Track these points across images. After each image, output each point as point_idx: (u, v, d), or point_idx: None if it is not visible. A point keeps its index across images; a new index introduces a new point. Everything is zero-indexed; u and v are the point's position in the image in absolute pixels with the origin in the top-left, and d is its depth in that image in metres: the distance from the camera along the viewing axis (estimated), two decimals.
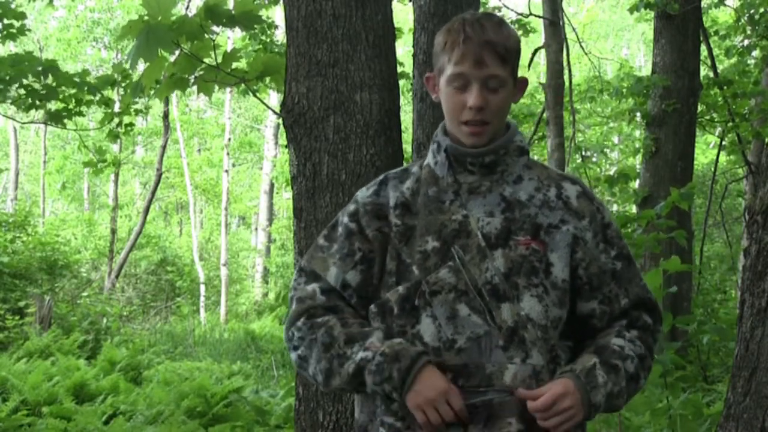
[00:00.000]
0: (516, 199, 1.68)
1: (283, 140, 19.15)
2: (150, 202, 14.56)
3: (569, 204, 1.70)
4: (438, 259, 1.65)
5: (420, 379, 1.57)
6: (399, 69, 4.05)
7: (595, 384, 1.60)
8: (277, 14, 14.83)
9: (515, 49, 1.66)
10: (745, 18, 9.53)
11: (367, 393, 1.67)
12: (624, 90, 9.62)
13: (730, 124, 8.78)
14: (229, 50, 3.69)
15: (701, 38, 8.10)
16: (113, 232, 15.99)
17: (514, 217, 1.66)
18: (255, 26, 3.72)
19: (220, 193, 20.44)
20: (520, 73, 1.73)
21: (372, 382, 1.60)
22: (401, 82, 5.66)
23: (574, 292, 1.69)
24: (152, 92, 4.10)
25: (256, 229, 22.36)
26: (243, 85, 3.70)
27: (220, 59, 3.58)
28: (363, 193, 1.77)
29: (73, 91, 6.58)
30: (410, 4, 4.94)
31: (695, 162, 9.14)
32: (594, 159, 13.16)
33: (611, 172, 12.71)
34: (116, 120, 7.51)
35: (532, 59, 8.20)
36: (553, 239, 1.66)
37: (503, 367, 1.60)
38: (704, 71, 10.14)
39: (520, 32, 9.43)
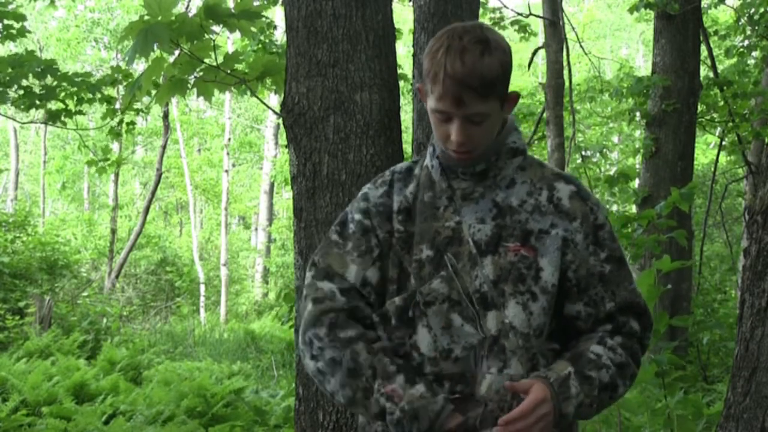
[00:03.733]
0: (508, 204, 1.67)
1: (283, 140, 19.16)
2: (150, 202, 14.56)
3: (560, 206, 1.68)
4: (432, 268, 1.64)
5: None
6: (399, 69, 4.06)
7: (568, 395, 1.58)
8: (277, 14, 14.83)
9: (499, 77, 1.58)
10: (745, 18, 9.53)
11: None
12: (624, 90, 9.62)
13: (730, 124, 8.78)
14: (230, 52, 3.69)
15: (701, 38, 8.09)
16: (113, 232, 15.98)
17: (504, 224, 1.65)
18: (254, 24, 3.71)
19: (220, 193, 20.44)
20: (519, 75, 1.70)
21: (394, 431, 1.60)
22: (401, 83, 5.66)
23: (561, 294, 1.68)
24: (152, 95, 4.09)
25: (256, 229, 22.36)
26: (243, 85, 3.69)
27: (220, 60, 3.58)
28: (374, 192, 1.75)
29: (73, 89, 6.58)
30: (410, 4, 4.94)
31: (695, 162, 9.14)
32: (594, 159, 13.16)
33: (611, 172, 12.72)
34: (117, 118, 7.51)
35: (532, 59, 8.20)
36: (543, 244, 1.65)
37: (482, 378, 1.60)
38: (704, 71, 10.14)
39: (520, 33, 9.41)
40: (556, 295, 1.66)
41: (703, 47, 8.48)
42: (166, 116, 13.71)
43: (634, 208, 8.76)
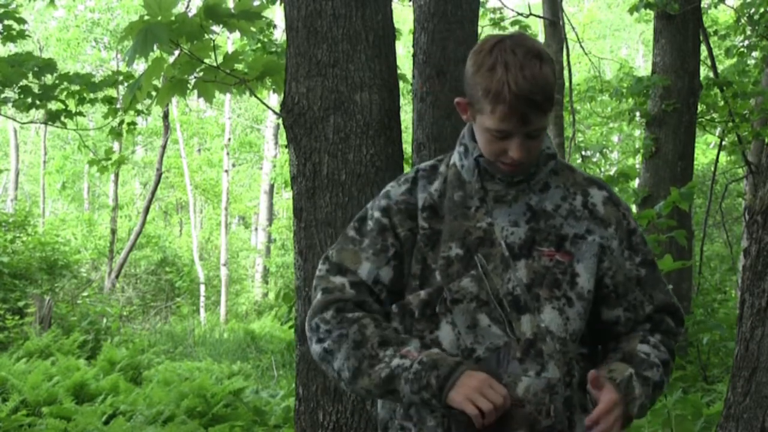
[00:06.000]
0: (542, 208, 1.66)
1: (283, 140, 19.16)
2: (150, 202, 14.56)
3: (595, 212, 1.69)
4: (461, 267, 1.63)
5: (460, 380, 1.54)
6: (398, 70, 4.06)
7: (633, 397, 1.60)
8: (277, 14, 14.82)
9: (554, 87, 1.58)
10: (745, 18, 9.53)
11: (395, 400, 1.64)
12: (624, 90, 9.62)
13: (730, 124, 8.78)
14: (229, 52, 3.68)
15: (701, 38, 8.09)
16: (113, 232, 15.99)
17: (539, 228, 1.65)
18: (254, 24, 3.71)
19: (220, 193, 20.44)
20: None
21: (410, 391, 1.57)
22: (401, 83, 5.66)
23: (599, 300, 1.68)
24: (153, 96, 4.09)
25: (256, 229, 22.37)
26: (243, 85, 3.70)
27: (220, 60, 3.58)
28: (396, 190, 1.73)
29: (75, 88, 6.58)
30: (410, 4, 4.94)
31: (695, 162, 9.13)
32: (594, 159, 13.17)
33: (611, 172, 12.72)
34: (118, 118, 7.52)
35: None
36: (579, 249, 1.65)
37: (517, 380, 1.59)
38: (704, 71, 10.14)
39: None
40: (592, 301, 1.66)
41: (703, 47, 8.48)
42: (166, 116, 13.71)
43: (634, 208, 8.75)
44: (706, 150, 18.26)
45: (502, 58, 1.54)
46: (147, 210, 14.57)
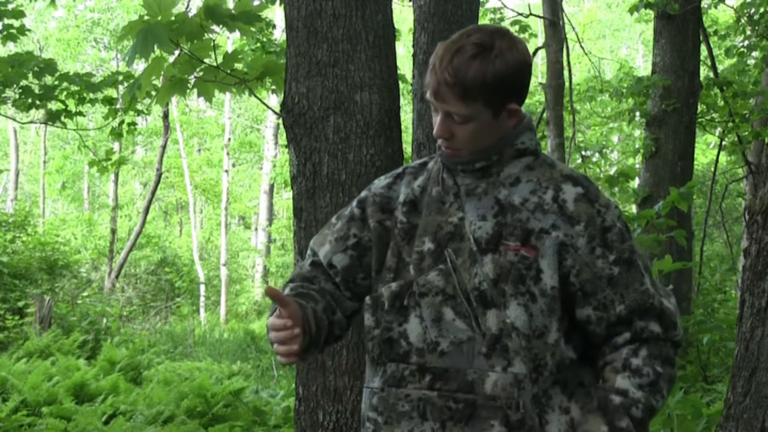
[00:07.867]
0: (510, 202, 1.65)
1: (283, 140, 19.16)
2: (150, 202, 14.57)
3: (564, 208, 1.64)
4: (432, 261, 1.65)
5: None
6: (398, 70, 4.06)
7: None
8: (277, 14, 14.83)
9: (485, 85, 1.56)
10: (745, 18, 9.53)
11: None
12: (624, 90, 9.62)
13: (730, 124, 8.78)
14: (229, 52, 3.69)
15: (701, 38, 8.09)
16: (113, 232, 15.99)
17: (505, 222, 1.64)
18: (254, 24, 3.71)
19: (220, 193, 20.46)
20: None
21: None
22: (401, 83, 5.66)
23: (569, 299, 1.65)
24: (153, 96, 4.09)
25: (256, 229, 22.37)
26: (243, 85, 3.70)
27: (220, 60, 3.58)
28: (378, 183, 1.81)
29: (75, 88, 6.59)
30: (410, 4, 4.94)
31: (695, 162, 9.14)
32: (594, 159, 13.17)
33: (611, 172, 12.72)
34: (119, 119, 7.52)
35: (531, 59, 8.18)
36: (543, 245, 1.62)
37: (484, 375, 1.60)
38: (704, 71, 10.14)
39: (520, 34, 9.40)
40: (560, 299, 1.63)
41: (703, 47, 8.48)
42: (166, 116, 13.72)
43: (633, 208, 8.75)
44: (706, 150, 18.26)
45: (457, 37, 1.60)
46: (147, 210, 14.58)
